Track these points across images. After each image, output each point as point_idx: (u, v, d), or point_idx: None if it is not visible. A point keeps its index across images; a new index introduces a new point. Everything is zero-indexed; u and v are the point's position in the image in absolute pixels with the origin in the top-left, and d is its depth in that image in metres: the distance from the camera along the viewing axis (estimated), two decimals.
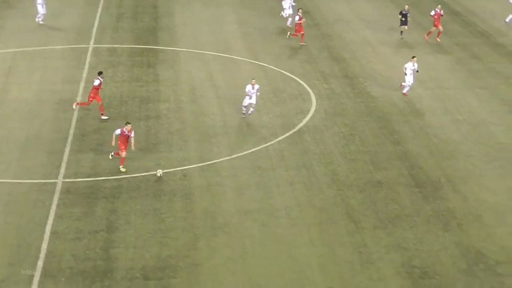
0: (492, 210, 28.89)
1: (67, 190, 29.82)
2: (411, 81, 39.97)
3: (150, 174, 30.83)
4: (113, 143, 31.37)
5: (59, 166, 31.62)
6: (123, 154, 31.20)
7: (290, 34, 48.85)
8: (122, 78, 41.89)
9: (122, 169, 31.18)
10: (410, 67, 39.88)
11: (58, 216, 27.89)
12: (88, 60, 44.79)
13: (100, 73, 36.73)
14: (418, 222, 27.99)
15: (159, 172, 30.72)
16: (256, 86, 36.60)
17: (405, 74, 40.00)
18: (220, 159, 32.69)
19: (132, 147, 31.57)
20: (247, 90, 36.39)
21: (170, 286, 24.05)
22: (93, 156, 32.65)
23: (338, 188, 30.44)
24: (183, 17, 54.42)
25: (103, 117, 36.34)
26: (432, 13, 49.12)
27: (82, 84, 40.76)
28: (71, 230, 27.04)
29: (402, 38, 49.71)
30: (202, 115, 37.49)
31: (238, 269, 25.00)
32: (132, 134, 31.35)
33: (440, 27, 49.09)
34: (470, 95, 40.99)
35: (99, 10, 55.53)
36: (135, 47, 47.60)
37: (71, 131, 35.03)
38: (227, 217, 28.14)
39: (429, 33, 49.67)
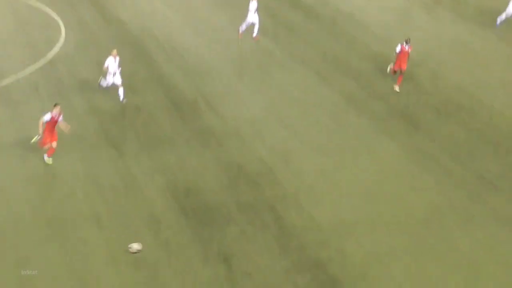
0: (248, 125, 29.72)
1: None
2: (252, 21, 37.39)
3: None
4: (40, 131, 25.97)
5: None
6: (54, 144, 26.13)
7: None
8: None
9: (49, 161, 26.40)
10: (252, 7, 37.53)
11: None
12: None
13: None
14: (179, 143, 28.23)
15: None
16: (117, 58, 30.57)
17: (249, 11, 37.81)
18: None
19: (66, 131, 26.73)
20: (106, 65, 30.50)
21: None
22: None
23: (96, 116, 29.92)
24: None
25: None
26: None
27: None
28: None
29: None
30: None
31: None
32: (61, 118, 26.16)
33: None
34: (220, 13, 41.61)
35: None
36: None
37: None
38: None
39: None
